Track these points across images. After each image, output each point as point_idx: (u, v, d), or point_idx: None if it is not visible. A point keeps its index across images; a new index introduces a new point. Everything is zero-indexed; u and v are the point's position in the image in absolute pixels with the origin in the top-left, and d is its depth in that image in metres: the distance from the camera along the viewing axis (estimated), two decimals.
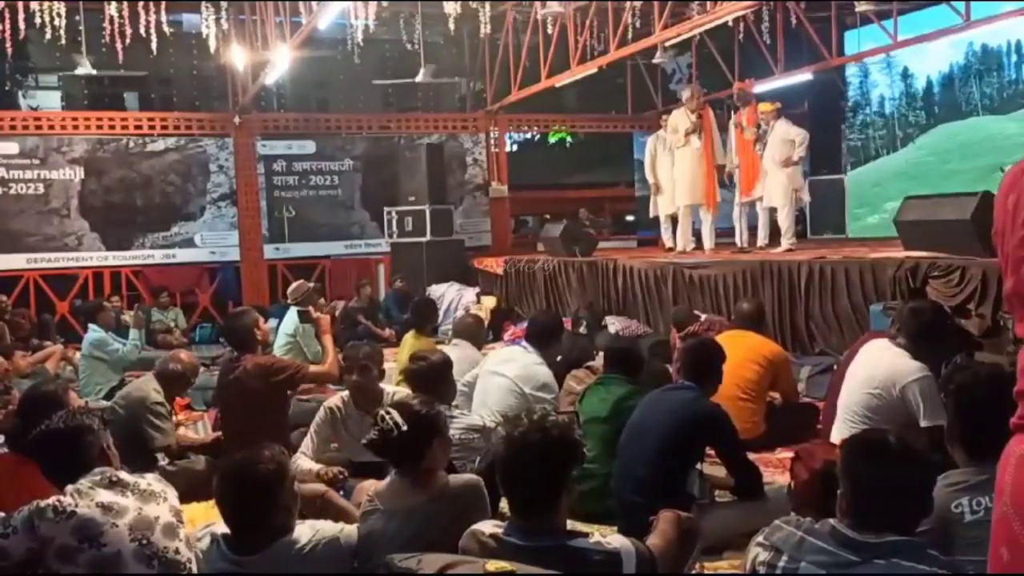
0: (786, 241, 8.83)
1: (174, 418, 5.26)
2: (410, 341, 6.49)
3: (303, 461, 4.10)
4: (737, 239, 9.39)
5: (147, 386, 4.94)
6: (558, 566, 2.22)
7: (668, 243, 10.05)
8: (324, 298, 10.92)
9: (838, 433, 3.97)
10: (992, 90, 11.89)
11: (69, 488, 2.63)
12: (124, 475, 2.71)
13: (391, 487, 2.85)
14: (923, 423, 3.75)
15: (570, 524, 2.58)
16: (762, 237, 9.27)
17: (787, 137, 8.82)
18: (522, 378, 4.77)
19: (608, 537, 2.40)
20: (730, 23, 10.60)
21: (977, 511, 2.33)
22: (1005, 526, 1.54)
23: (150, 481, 2.76)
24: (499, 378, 4.84)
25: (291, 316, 7.81)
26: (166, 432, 4.72)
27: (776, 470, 4.67)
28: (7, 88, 16.10)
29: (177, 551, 2.61)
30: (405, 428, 2.79)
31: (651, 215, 10.43)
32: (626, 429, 3.87)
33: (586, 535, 2.37)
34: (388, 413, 2.83)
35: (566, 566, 2.23)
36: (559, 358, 6.39)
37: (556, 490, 2.36)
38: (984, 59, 11.91)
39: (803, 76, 12.25)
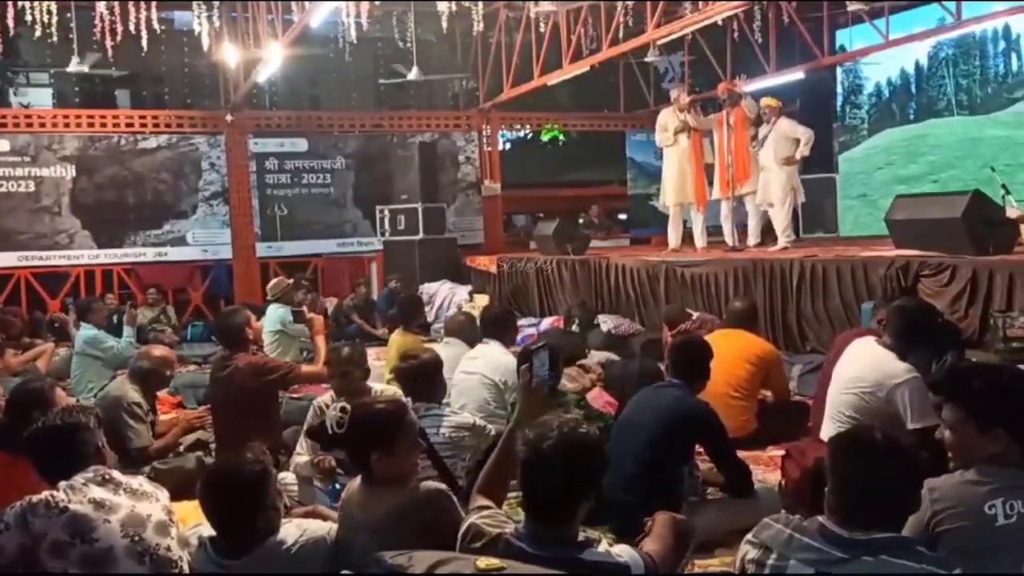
0: (783, 239, 8.84)
1: (162, 416, 5.22)
2: (397, 339, 6.51)
3: (299, 457, 4.12)
4: (727, 238, 9.38)
5: (124, 386, 4.90)
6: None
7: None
8: (315, 294, 10.95)
9: (827, 432, 3.98)
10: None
11: (62, 484, 2.63)
12: (116, 474, 2.72)
13: (360, 493, 2.79)
14: (911, 425, 3.74)
15: None
16: (754, 235, 9.26)
17: (792, 135, 8.75)
18: (490, 369, 4.96)
19: (615, 548, 2.37)
20: (721, 22, 10.60)
21: (1011, 516, 2.31)
22: None
23: (141, 482, 2.77)
24: (471, 376, 5.02)
25: (273, 312, 7.81)
26: (138, 433, 4.66)
27: (767, 468, 4.69)
28: None
29: (169, 548, 2.61)
30: (340, 431, 2.75)
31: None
32: (616, 427, 3.87)
33: (595, 544, 2.34)
34: (335, 411, 2.80)
35: None
36: None
37: (576, 500, 2.32)
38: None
39: (795, 75, 12.28)
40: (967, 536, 2.29)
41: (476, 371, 5.01)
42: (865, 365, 4.02)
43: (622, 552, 2.35)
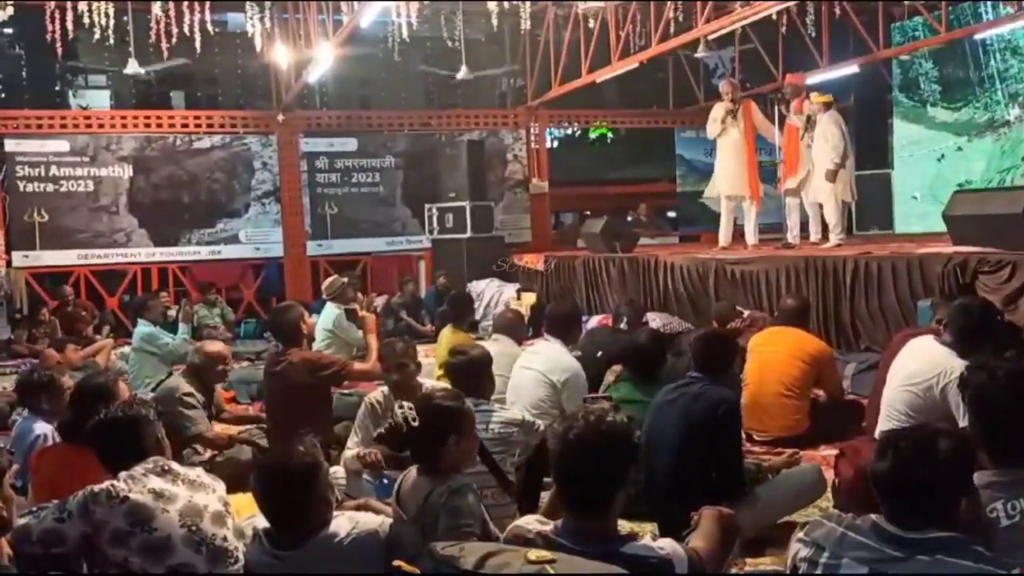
0: (834, 237, 8.73)
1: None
2: (447, 335, 6.54)
3: (349, 452, 4.17)
4: (787, 234, 9.30)
5: (177, 379, 5.04)
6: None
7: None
8: (363, 293, 11.06)
9: (881, 429, 3.91)
10: None
11: (122, 474, 2.71)
12: (175, 465, 2.79)
13: (412, 485, 2.82)
14: (962, 423, 3.66)
15: None
16: (814, 232, 9.15)
17: (825, 138, 8.65)
18: (549, 368, 4.83)
19: (658, 541, 2.36)
20: (774, 16, 10.47)
21: (1013, 515, 2.27)
22: None
23: (199, 473, 2.83)
24: (528, 372, 4.91)
25: (328, 311, 7.90)
26: (196, 420, 4.73)
27: (821, 467, 4.62)
28: (57, 88, 16.44)
29: (225, 539, 2.67)
30: (416, 424, 2.78)
31: None
32: (646, 431, 3.81)
33: (636, 538, 2.34)
34: (402, 407, 2.83)
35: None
36: (599, 353, 6.40)
37: (611, 488, 2.32)
38: None
39: (849, 69, 12.06)
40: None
41: (533, 368, 4.88)
42: (922, 362, 3.95)
43: (664, 545, 2.33)
